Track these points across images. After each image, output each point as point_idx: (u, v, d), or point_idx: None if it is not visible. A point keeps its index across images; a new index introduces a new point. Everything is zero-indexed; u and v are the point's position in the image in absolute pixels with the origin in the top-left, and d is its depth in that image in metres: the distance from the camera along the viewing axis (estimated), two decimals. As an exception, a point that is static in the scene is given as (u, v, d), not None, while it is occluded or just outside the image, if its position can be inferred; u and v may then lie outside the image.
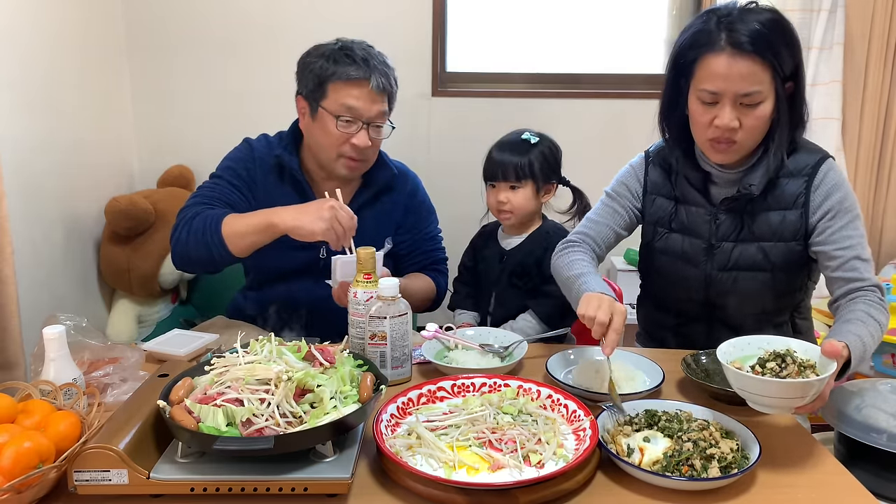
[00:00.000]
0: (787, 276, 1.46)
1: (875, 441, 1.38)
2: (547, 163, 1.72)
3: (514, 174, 1.68)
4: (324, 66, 1.60)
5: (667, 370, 1.36)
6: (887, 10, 2.62)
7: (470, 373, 1.31)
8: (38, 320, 1.33)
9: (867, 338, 1.23)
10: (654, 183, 1.56)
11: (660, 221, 1.55)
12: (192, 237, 1.57)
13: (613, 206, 1.59)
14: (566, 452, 1.07)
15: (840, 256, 1.37)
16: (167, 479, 0.96)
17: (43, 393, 1.13)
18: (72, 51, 2.32)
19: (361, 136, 1.62)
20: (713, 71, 1.31)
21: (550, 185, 1.75)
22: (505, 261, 1.75)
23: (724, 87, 1.31)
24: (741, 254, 1.45)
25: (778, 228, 1.43)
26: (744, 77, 1.30)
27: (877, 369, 2.38)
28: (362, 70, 1.59)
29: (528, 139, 1.72)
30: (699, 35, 1.35)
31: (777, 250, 1.43)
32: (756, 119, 1.34)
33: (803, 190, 1.41)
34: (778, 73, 1.31)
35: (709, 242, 1.48)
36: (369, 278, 1.34)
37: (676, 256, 1.52)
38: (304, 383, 1.05)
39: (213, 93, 2.74)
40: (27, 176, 2.03)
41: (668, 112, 1.48)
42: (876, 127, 2.73)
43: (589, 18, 2.86)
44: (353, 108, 1.60)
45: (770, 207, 1.43)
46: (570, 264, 1.48)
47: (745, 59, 1.29)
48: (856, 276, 1.35)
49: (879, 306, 1.33)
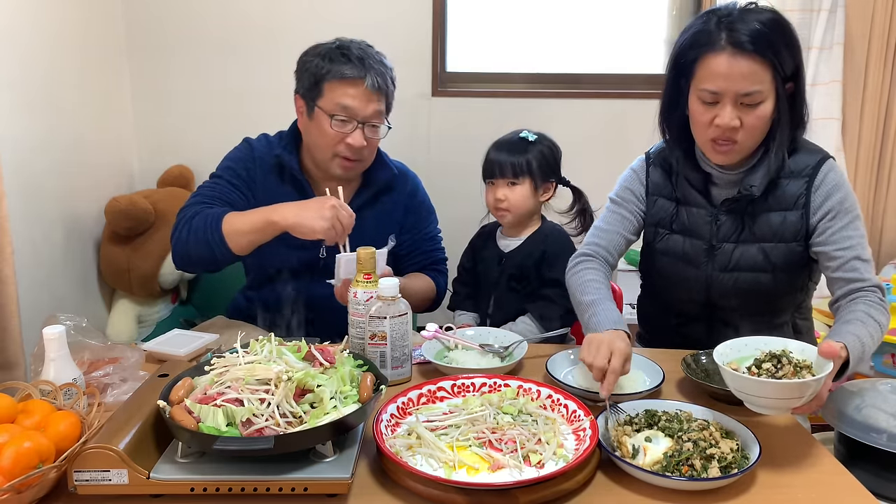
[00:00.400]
0: (787, 277, 1.46)
1: (875, 441, 1.38)
2: (545, 161, 1.72)
3: (511, 171, 1.69)
4: (320, 65, 1.61)
5: (667, 370, 1.36)
6: (887, 10, 2.62)
7: (470, 373, 1.31)
8: (38, 320, 1.33)
9: (866, 338, 1.23)
10: (655, 184, 1.56)
11: (661, 223, 1.55)
12: (193, 236, 1.57)
13: (621, 213, 1.58)
14: (566, 452, 1.07)
15: (840, 257, 1.37)
16: (167, 479, 0.96)
17: (43, 393, 1.13)
18: (72, 51, 2.32)
19: (356, 136, 1.62)
20: (714, 70, 1.32)
21: (549, 184, 1.75)
22: (503, 263, 1.75)
23: (725, 86, 1.31)
24: (742, 255, 1.45)
25: (779, 229, 1.43)
26: (744, 76, 1.30)
27: (877, 369, 2.38)
28: (357, 69, 1.59)
29: (526, 137, 1.73)
30: (699, 35, 1.35)
31: (778, 251, 1.43)
32: (756, 119, 1.34)
33: (804, 191, 1.41)
34: (778, 72, 1.32)
35: (710, 243, 1.48)
36: (369, 278, 1.34)
37: (677, 257, 1.52)
38: (304, 383, 1.05)
39: (213, 93, 2.74)
40: (27, 176, 2.03)
41: (669, 112, 1.48)
42: (876, 127, 2.72)
43: (589, 18, 2.86)
44: (347, 108, 1.60)
45: (771, 208, 1.43)
46: (583, 286, 1.47)
47: (746, 59, 1.29)
48: (856, 277, 1.35)
49: (879, 307, 1.33)
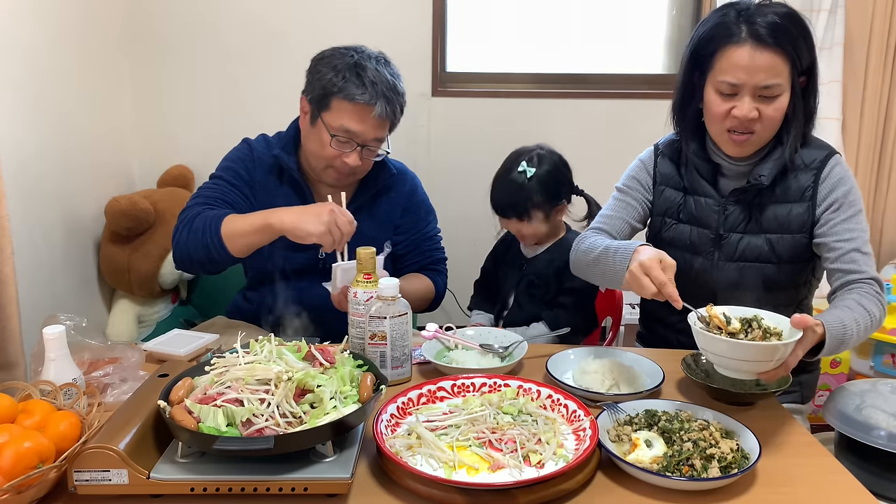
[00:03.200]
0: (792, 269, 1.47)
1: (875, 441, 1.38)
2: (549, 189, 1.69)
3: (515, 214, 1.68)
4: (332, 81, 1.57)
5: (667, 370, 1.36)
6: (887, 10, 2.62)
7: (470, 373, 1.31)
8: (38, 320, 1.33)
9: (850, 322, 1.24)
10: (663, 174, 1.58)
11: (668, 212, 1.56)
12: (193, 237, 1.57)
13: (626, 200, 1.58)
14: (566, 452, 1.07)
15: (839, 248, 1.39)
16: (167, 479, 0.96)
17: (43, 393, 1.13)
18: (72, 51, 2.32)
19: (353, 157, 1.61)
20: (734, 63, 1.34)
21: (560, 206, 1.74)
22: (525, 269, 1.76)
23: (746, 78, 1.34)
24: (748, 245, 1.47)
25: (785, 221, 1.44)
26: (765, 69, 1.33)
27: (877, 369, 2.38)
28: (369, 95, 1.56)
29: (524, 172, 1.68)
30: (718, 28, 1.37)
31: (784, 242, 1.45)
32: (774, 111, 1.36)
33: (811, 183, 1.43)
34: (796, 66, 1.35)
35: (717, 233, 1.49)
36: (369, 278, 1.34)
37: (684, 247, 1.53)
38: (304, 383, 1.05)
39: (214, 93, 2.74)
40: (27, 176, 2.03)
41: (683, 105, 1.50)
42: (876, 127, 2.73)
43: (589, 18, 2.86)
44: (350, 131, 1.58)
45: (778, 200, 1.45)
46: (589, 248, 1.46)
47: (767, 52, 1.32)
48: (854, 269, 1.37)
49: (874, 298, 1.33)
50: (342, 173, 1.65)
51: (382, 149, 1.67)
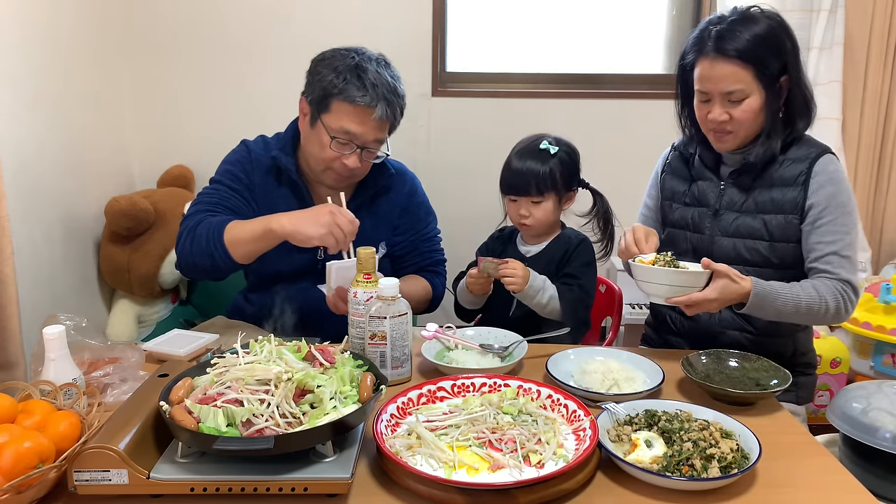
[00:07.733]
0: (784, 248, 1.52)
1: (881, 444, 1.38)
2: (567, 171, 1.68)
3: (535, 189, 1.65)
4: (333, 82, 1.56)
5: (667, 370, 1.36)
6: (887, 10, 2.62)
7: (470, 373, 1.31)
8: (38, 320, 1.33)
9: (785, 293, 1.40)
10: (672, 166, 1.71)
11: (674, 196, 1.69)
12: (197, 246, 1.57)
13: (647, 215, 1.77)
14: (566, 452, 1.07)
15: (818, 249, 1.47)
16: (167, 479, 0.96)
17: (43, 393, 1.13)
18: (71, 51, 2.32)
19: (353, 159, 1.61)
20: (703, 73, 1.49)
21: (571, 193, 1.73)
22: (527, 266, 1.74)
23: (711, 87, 1.48)
24: (743, 222, 1.55)
25: (779, 201, 1.52)
26: (725, 78, 1.45)
27: (877, 369, 2.38)
28: (369, 97, 1.55)
29: (546, 149, 1.66)
30: (695, 41, 1.51)
31: (776, 221, 1.52)
32: (743, 112, 1.47)
33: (805, 169, 1.50)
34: (762, 71, 1.44)
35: (714, 209, 1.59)
36: (369, 278, 1.34)
37: (685, 226, 1.65)
38: (304, 384, 1.05)
39: (213, 93, 2.74)
40: (27, 176, 2.03)
41: (681, 110, 1.65)
42: (876, 127, 2.73)
43: (589, 18, 2.86)
44: (350, 133, 1.58)
45: (774, 184, 1.53)
46: None
47: (726, 63, 1.44)
48: (829, 270, 1.45)
49: (834, 291, 1.42)
50: (341, 175, 1.64)
51: (382, 151, 1.67)
